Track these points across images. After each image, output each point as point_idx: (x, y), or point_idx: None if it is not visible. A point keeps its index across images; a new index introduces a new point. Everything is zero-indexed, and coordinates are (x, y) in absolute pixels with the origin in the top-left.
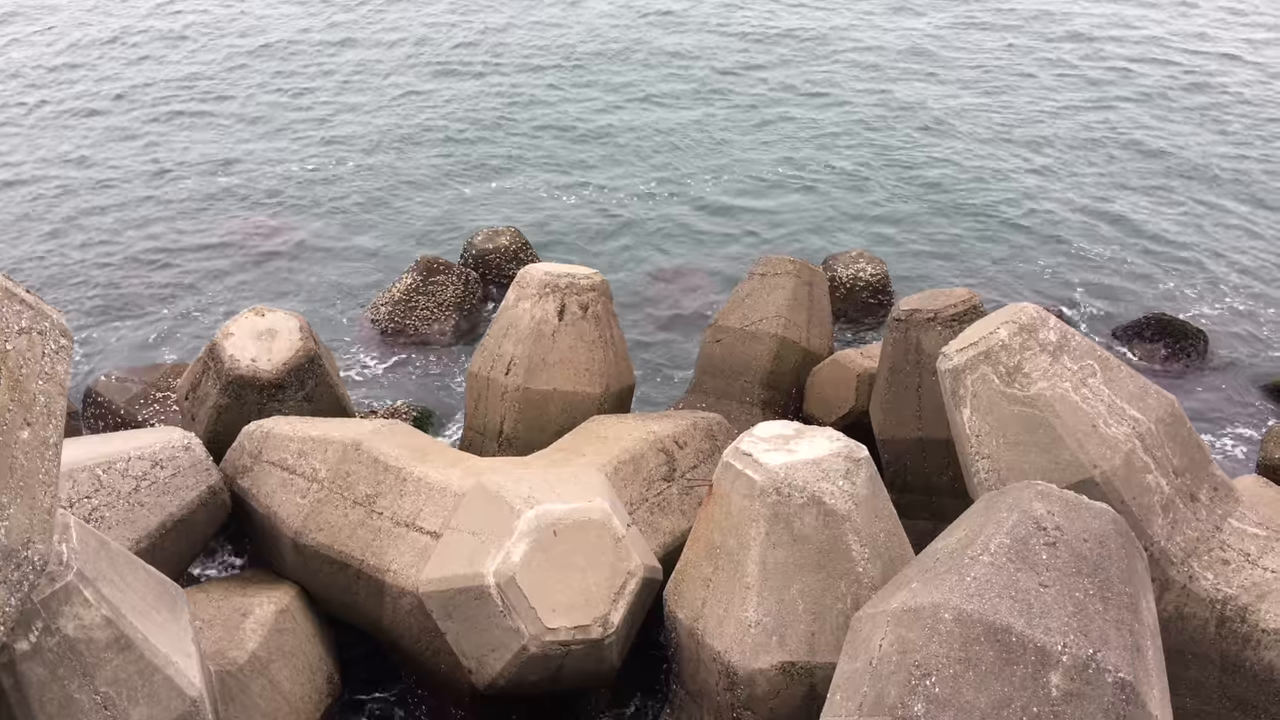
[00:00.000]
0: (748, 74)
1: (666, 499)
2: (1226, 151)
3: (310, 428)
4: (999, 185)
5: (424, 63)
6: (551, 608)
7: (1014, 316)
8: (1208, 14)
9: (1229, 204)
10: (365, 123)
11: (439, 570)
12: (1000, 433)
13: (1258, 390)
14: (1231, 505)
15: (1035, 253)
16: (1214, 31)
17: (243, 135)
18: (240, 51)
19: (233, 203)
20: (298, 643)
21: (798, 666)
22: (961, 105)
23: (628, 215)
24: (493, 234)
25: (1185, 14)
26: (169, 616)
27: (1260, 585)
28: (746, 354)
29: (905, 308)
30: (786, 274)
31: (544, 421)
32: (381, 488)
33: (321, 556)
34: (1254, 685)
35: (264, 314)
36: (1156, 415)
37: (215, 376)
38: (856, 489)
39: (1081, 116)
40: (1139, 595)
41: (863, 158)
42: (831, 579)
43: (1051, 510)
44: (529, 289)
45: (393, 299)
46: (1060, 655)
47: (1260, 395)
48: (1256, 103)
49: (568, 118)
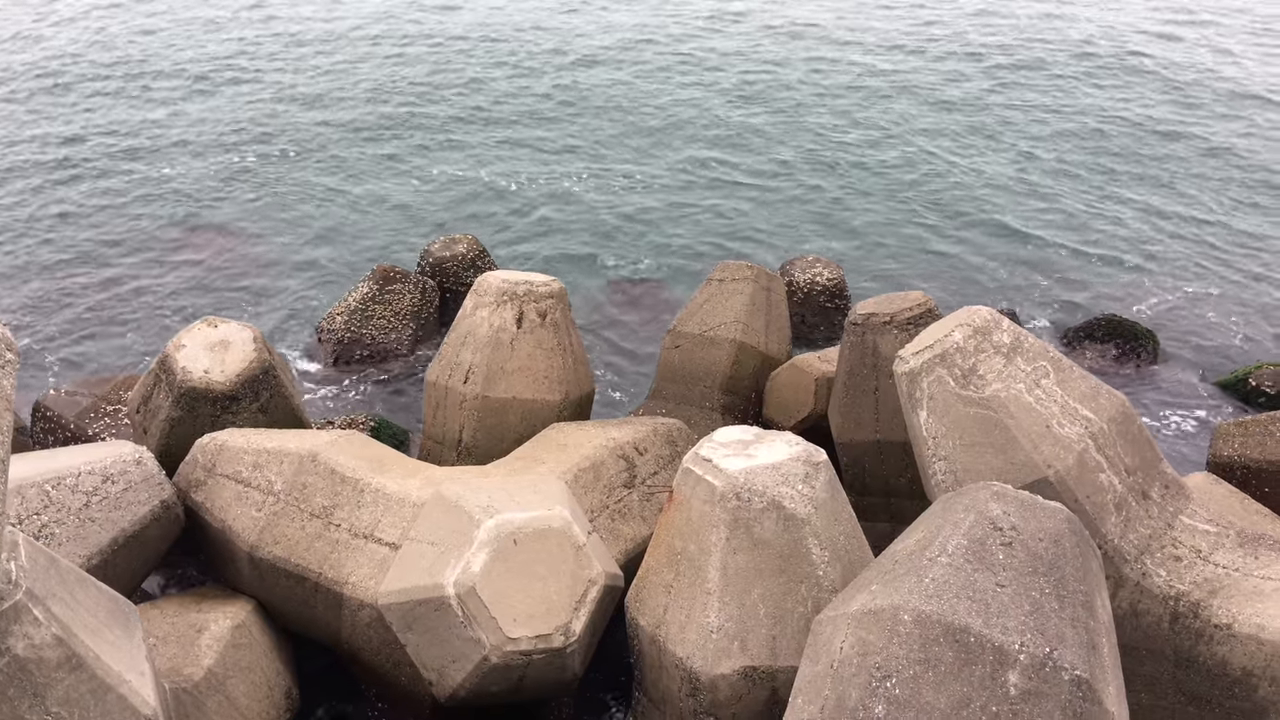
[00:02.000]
0: (707, 76)
1: (627, 505)
2: (1177, 154)
3: (265, 440)
4: (951, 189)
5: (380, 71)
6: (513, 617)
7: (968, 319)
8: (1161, 14)
9: (1179, 207)
10: (320, 130)
11: (398, 582)
12: (956, 434)
13: (1206, 389)
14: (1183, 502)
15: (988, 255)
16: (1161, 29)
17: (195, 142)
18: (192, 55)
19: (185, 212)
20: (255, 658)
21: (760, 671)
22: (914, 110)
23: (585, 222)
24: (450, 241)
25: (1138, 15)
26: (122, 634)
27: (1212, 581)
28: (705, 359)
29: (861, 312)
30: (744, 279)
31: (503, 430)
32: (339, 499)
33: (278, 570)
34: (1207, 680)
35: (217, 325)
36: (1108, 415)
37: (167, 389)
38: (816, 493)
39: (1032, 119)
40: (1094, 593)
41: (817, 164)
42: (792, 583)
43: (1007, 511)
44: (487, 297)
45: (349, 308)
46: (1018, 654)
47: (1209, 394)
48: (1203, 104)
49: (526, 126)
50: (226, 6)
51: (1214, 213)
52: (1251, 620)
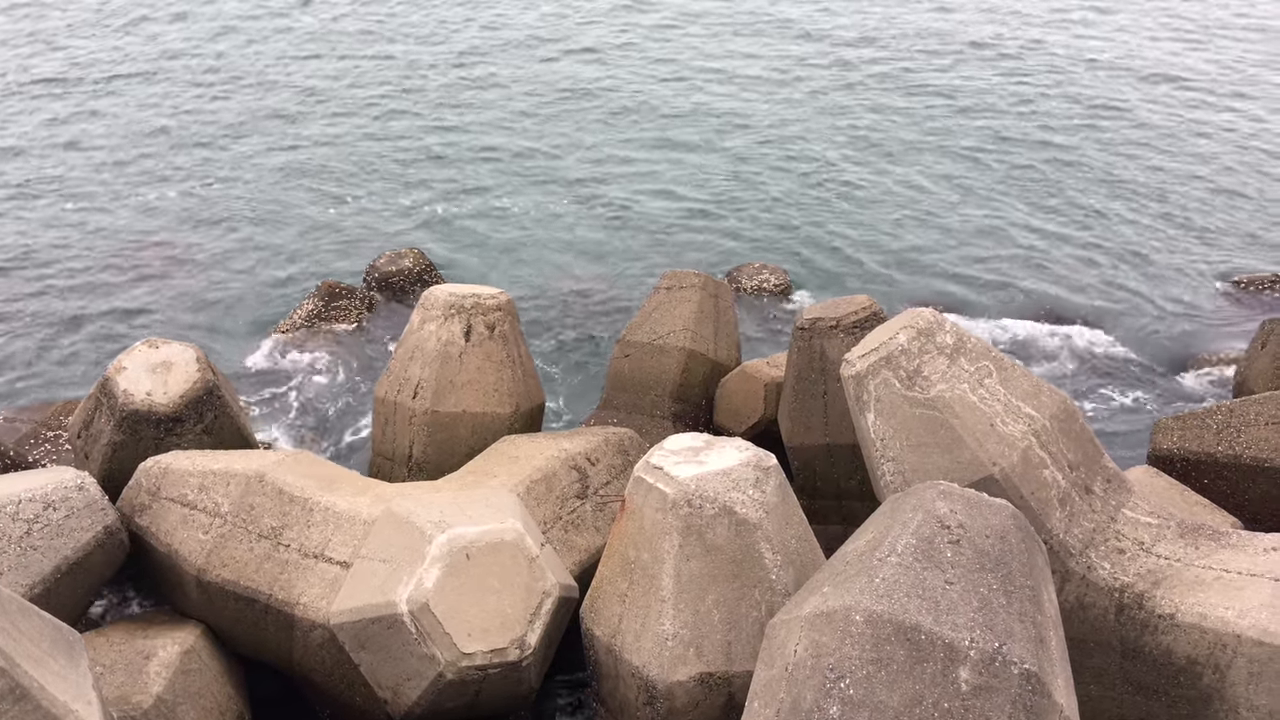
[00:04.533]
0: (640, 83)
1: (580, 516)
2: (1107, 154)
3: (211, 461)
4: (893, 193)
5: (324, 84)
6: (467, 632)
7: (912, 321)
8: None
9: (1115, 205)
10: (262, 145)
11: (350, 600)
12: (903, 435)
13: (1146, 384)
14: (1125, 496)
15: (931, 257)
16: (1092, 36)
17: (134, 156)
18: (134, 62)
19: (124, 232)
20: (205, 683)
21: (715, 677)
22: (855, 119)
23: (531, 234)
24: (396, 256)
25: (1076, 29)
26: (67, 663)
27: (1155, 572)
28: (655, 368)
29: (809, 316)
30: (692, 287)
31: (454, 444)
32: (288, 519)
33: (227, 593)
34: (1153, 669)
35: (158, 346)
36: (1051, 412)
37: (109, 412)
38: (767, 497)
39: (970, 123)
40: (1040, 588)
41: (760, 171)
42: (746, 588)
43: (954, 509)
44: (434, 310)
45: (294, 325)
46: (968, 650)
47: (1148, 388)
48: (1128, 106)
49: (468, 139)
50: (158, 18)
51: (1152, 219)
52: (1194, 609)
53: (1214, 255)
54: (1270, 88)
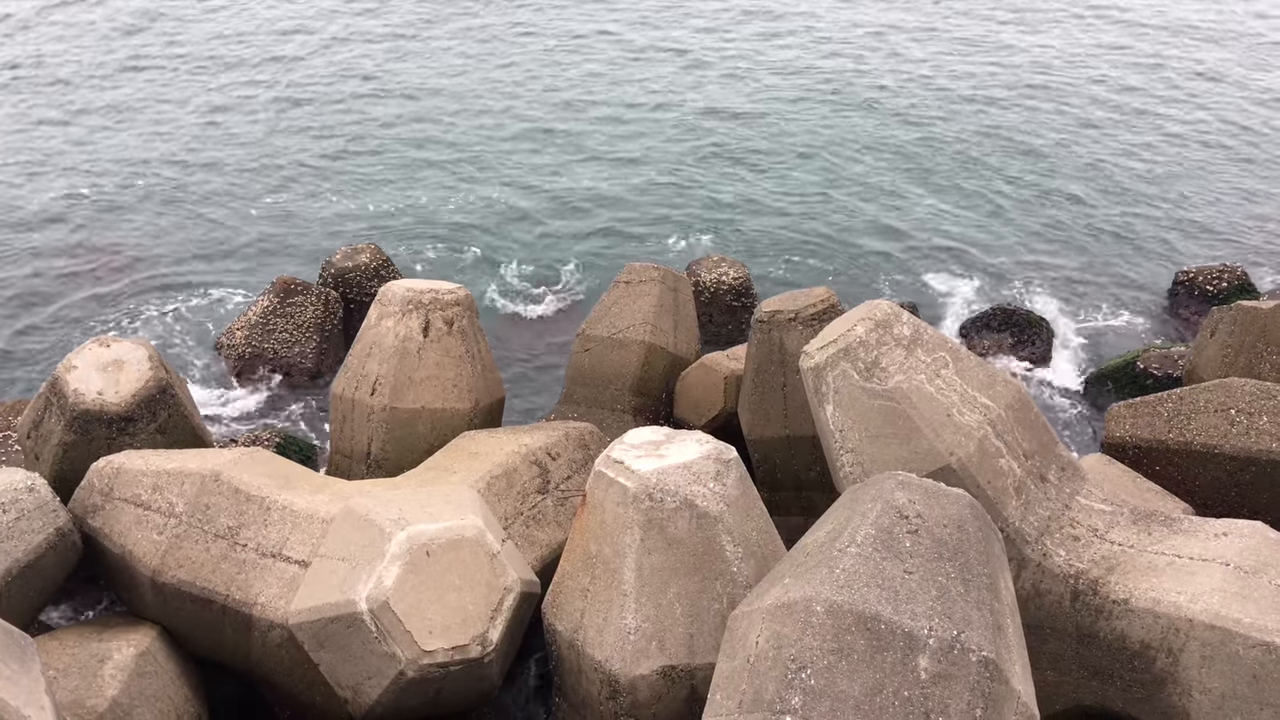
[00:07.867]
0: (595, 82)
1: (541, 511)
2: (1063, 144)
3: (165, 461)
4: (848, 186)
5: (277, 82)
6: (428, 630)
7: (869, 313)
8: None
9: (1066, 199)
10: (216, 141)
11: (309, 600)
12: (862, 426)
13: (1098, 373)
14: (1079, 483)
15: (887, 249)
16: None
17: (84, 158)
18: (82, 69)
19: (74, 229)
20: (161, 686)
21: (678, 670)
22: (811, 113)
23: (488, 228)
24: (352, 251)
25: (1029, 28)
26: (19, 668)
27: (1109, 558)
28: (615, 362)
29: (767, 309)
30: (651, 281)
31: (413, 440)
32: (244, 519)
33: (183, 594)
34: (1108, 654)
35: (109, 344)
36: (1006, 402)
37: (59, 412)
38: (727, 490)
39: (926, 115)
40: (997, 575)
41: (717, 164)
42: (707, 580)
43: (912, 499)
44: (391, 306)
45: (249, 322)
46: (927, 639)
47: (1100, 377)
48: (1086, 97)
49: (423, 134)
50: (114, 18)
51: (1105, 211)
52: (1147, 594)
53: (1164, 248)
54: (1227, 86)
